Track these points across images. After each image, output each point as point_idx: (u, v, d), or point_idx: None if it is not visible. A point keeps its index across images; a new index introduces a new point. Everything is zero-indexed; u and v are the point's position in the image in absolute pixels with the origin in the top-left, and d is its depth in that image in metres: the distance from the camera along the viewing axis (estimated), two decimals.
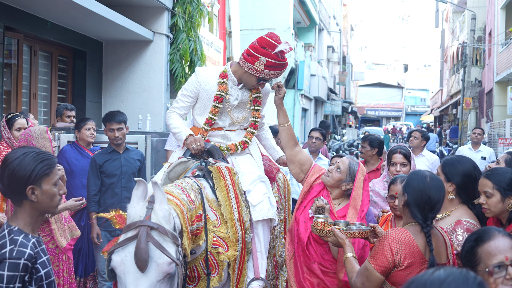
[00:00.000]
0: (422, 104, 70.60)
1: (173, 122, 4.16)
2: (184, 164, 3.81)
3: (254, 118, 4.29)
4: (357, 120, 54.01)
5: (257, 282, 3.80)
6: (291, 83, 24.12)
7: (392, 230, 2.91)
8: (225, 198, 3.67)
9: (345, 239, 3.19)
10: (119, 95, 9.94)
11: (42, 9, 7.65)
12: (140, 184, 2.76)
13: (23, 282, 2.42)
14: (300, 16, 25.03)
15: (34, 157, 2.50)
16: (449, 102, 37.82)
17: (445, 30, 44.71)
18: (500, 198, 3.17)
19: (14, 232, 2.49)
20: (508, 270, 2.30)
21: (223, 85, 4.15)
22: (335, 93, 36.63)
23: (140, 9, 9.64)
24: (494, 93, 23.89)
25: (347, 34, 47.60)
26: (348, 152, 21.77)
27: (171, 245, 2.63)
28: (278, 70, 4.07)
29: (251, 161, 4.25)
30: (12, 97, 7.87)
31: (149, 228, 2.59)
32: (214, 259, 3.41)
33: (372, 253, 2.94)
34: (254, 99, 4.27)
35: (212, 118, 4.16)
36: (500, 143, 15.86)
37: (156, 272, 2.54)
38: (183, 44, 9.95)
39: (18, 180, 2.47)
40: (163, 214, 2.66)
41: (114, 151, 5.66)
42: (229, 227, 3.59)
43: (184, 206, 2.96)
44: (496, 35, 23.56)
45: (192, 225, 3.05)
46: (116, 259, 2.57)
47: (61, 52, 9.20)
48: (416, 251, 2.86)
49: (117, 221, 2.85)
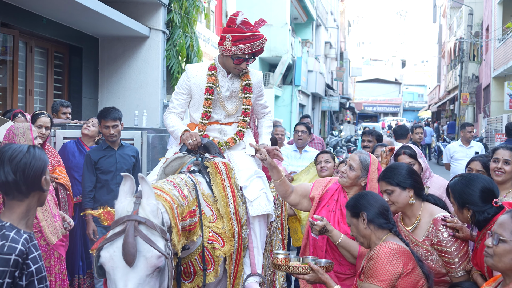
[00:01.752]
0: (420, 99, 70.63)
1: (170, 122, 4.18)
2: (180, 160, 3.80)
3: (245, 106, 4.25)
4: (355, 116, 53.99)
5: (253, 277, 3.80)
6: (288, 79, 24.12)
7: (380, 247, 2.96)
8: (221, 193, 3.65)
9: (324, 273, 3.15)
10: (115, 91, 9.92)
11: (37, 5, 7.63)
12: (127, 180, 2.74)
13: (13, 278, 2.42)
14: (297, 12, 25.01)
15: (38, 150, 2.62)
16: (446, 98, 37.86)
17: (442, 25, 44.71)
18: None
19: (6, 228, 2.50)
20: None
21: (211, 77, 4.16)
22: (332, 89, 36.63)
23: (136, 5, 9.62)
24: (491, 88, 23.90)
25: (345, 30, 47.57)
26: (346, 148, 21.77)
27: (159, 239, 2.61)
28: (248, 43, 3.96)
29: (247, 156, 4.22)
30: (8, 94, 7.85)
31: (137, 222, 2.57)
32: (210, 255, 3.39)
33: (369, 275, 2.93)
34: (244, 87, 4.22)
35: (207, 111, 4.16)
36: (497, 138, 15.88)
37: (145, 266, 2.52)
38: (179, 40, 9.93)
39: (37, 171, 2.55)
40: (150, 208, 2.64)
41: (109, 147, 5.65)
42: (225, 223, 3.57)
43: (174, 202, 2.94)
44: (493, 30, 23.57)
45: (184, 221, 3.03)
46: (104, 255, 2.55)
47: (57, 49, 9.18)
48: (409, 253, 2.95)
49: (106, 218, 2.85)
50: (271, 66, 22.73)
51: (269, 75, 21.44)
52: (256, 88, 4.31)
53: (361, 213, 3.09)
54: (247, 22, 4.03)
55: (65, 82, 9.47)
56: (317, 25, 30.54)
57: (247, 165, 4.09)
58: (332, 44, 36.72)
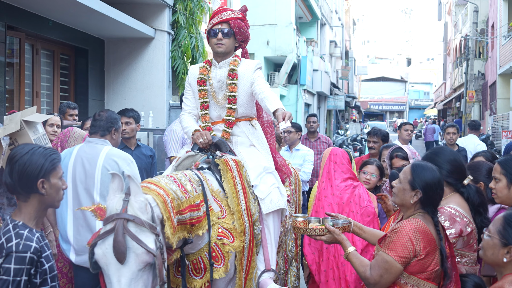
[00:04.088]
0: (426, 97, 70.47)
1: (184, 123, 4.22)
2: (192, 158, 3.83)
3: (229, 93, 4.12)
4: (361, 115, 53.91)
5: (267, 273, 3.80)
6: (293, 79, 24.12)
7: (407, 221, 2.94)
8: (232, 190, 3.67)
9: (340, 234, 3.19)
10: (121, 93, 9.96)
11: (43, 8, 7.67)
12: (115, 177, 2.82)
13: (29, 275, 2.49)
14: (302, 11, 24.98)
15: (43, 152, 2.64)
16: (452, 96, 37.76)
17: (447, 23, 44.59)
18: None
19: (19, 227, 2.56)
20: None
21: (202, 68, 4.21)
22: (338, 88, 36.59)
23: (141, 6, 9.66)
24: (497, 85, 23.83)
25: (350, 28, 47.50)
26: (352, 147, 21.76)
27: (149, 235, 2.71)
28: (218, 14, 4.12)
29: (256, 153, 4.18)
30: (14, 96, 7.90)
31: (125, 220, 2.67)
32: (219, 250, 3.41)
33: (388, 245, 2.93)
34: (228, 73, 4.13)
35: (203, 102, 4.19)
36: (503, 136, 15.84)
37: (136, 262, 2.64)
38: (184, 41, 9.97)
39: (30, 173, 2.58)
40: (138, 205, 2.72)
41: (126, 147, 5.71)
42: (235, 219, 3.59)
43: (168, 195, 2.98)
44: (499, 27, 23.48)
45: (182, 214, 3.06)
46: (98, 251, 2.68)
47: (63, 51, 9.23)
48: (432, 239, 2.91)
49: (98, 213, 2.94)
50: (276, 66, 22.74)
51: (274, 75, 21.43)
52: (246, 75, 4.15)
53: (416, 190, 3.01)
54: (224, 8, 4.23)
55: (71, 84, 9.52)
56: (322, 24, 30.50)
57: (255, 162, 4.05)
58: (337, 43, 36.67)
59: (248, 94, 4.17)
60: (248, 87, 4.16)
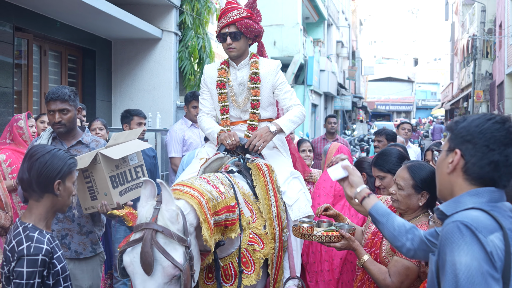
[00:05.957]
0: (433, 98, 70.25)
1: (204, 124, 4.12)
2: (220, 160, 3.72)
3: (252, 97, 4.03)
4: (368, 115, 53.79)
5: (292, 281, 3.71)
6: (300, 79, 24.10)
7: (420, 226, 2.92)
8: (264, 196, 3.58)
9: (355, 240, 3.09)
10: (128, 93, 9.98)
11: (51, 9, 7.69)
12: (148, 184, 2.74)
13: (42, 277, 2.49)
14: (309, 12, 24.95)
15: (63, 155, 2.65)
16: (460, 96, 37.62)
17: (455, 23, 44.41)
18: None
19: (29, 229, 2.56)
20: None
21: (221, 70, 4.10)
22: (345, 88, 36.53)
23: (148, 7, 9.68)
24: (505, 85, 23.71)
25: (356, 28, 47.42)
26: (359, 147, 21.72)
27: (177, 247, 2.62)
28: (224, 16, 4.00)
29: (280, 157, 4.11)
30: (22, 97, 7.92)
31: (154, 231, 2.58)
32: (250, 256, 3.32)
33: None
34: (250, 76, 4.04)
35: (223, 105, 4.07)
36: None
37: (162, 275, 2.54)
38: (191, 42, 9.97)
39: (50, 173, 2.59)
40: (169, 214, 2.63)
41: None
42: (267, 226, 3.51)
43: (203, 196, 2.89)
44: (507, 27, 23.37)
45: (218, 215, 2.98)
46: (126, 259, 2.61)
47: (71, 52, 9.25)
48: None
49: (129, 218, 2.87)
50: (283, 66, 22.59)
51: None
52: (268, 78, 4.07)
53: (422, 192, 3.02)
54: (230, 7, 4.03)
55: (78, 85, 9.54)
56: (328, 25, 30.46)
57: (281, 167, 3.96)
58: (344, 43, 36.61)
59: (269, 97, 4.11)
60: (270, 89, 4.09)
